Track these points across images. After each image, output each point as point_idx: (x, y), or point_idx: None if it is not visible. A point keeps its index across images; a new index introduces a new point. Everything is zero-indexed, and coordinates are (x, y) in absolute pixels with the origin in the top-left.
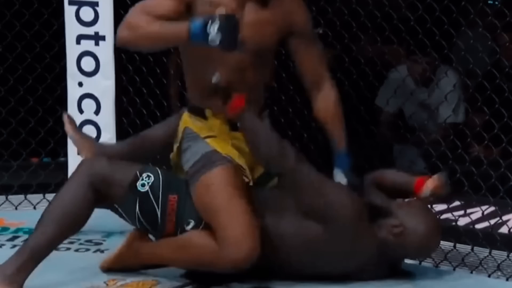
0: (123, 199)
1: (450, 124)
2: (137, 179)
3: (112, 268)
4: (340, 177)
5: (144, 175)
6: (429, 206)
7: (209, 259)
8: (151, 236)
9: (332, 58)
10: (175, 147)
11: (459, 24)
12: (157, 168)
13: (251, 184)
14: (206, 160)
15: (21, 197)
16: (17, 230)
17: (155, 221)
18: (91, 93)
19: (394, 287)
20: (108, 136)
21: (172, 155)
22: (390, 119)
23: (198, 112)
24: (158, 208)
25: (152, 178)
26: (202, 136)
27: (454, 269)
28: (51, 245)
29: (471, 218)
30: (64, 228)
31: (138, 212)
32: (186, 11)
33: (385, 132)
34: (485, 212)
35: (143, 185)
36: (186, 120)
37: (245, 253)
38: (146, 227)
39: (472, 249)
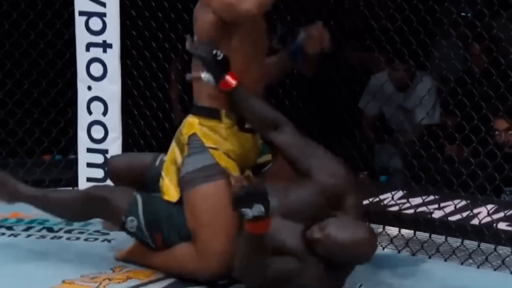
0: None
1: (425, 125)
2: (125, 222)
3: (124, 260)
4: None
5: (129, 219)
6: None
7: (190, 269)
8: None
9: (317, 64)
10: (175, 149)
11: (434, 34)
12: (140, 209)
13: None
14: (206, 171)
15: None
16: (31, 221)
17: (149, 245)
18: (99, 96)
19: (373, 275)
20: (115, 135)
21: (169, 155)
22: (372, 121)
23: (212, 113)
24: (148, 241)
25: (136, 223)
26: (207, 146)
27: (429, 258)
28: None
29: (444, 211)
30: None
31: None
32: None
33: (367, 133)
34: (457, 206)
35: (131, 227)
36: (194, 125)
37: (222, 267)
38: None
39: (446, 239)
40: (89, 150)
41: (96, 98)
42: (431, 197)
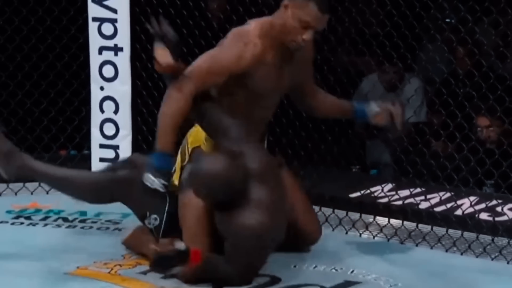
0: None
1: (412, 123)
2: (145, 217)
3: (128, 245)
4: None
5: (153, 216)
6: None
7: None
8: None
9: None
10: (180, 158)
11: (421, 38)
12: (165, 209)
13: None
14: None
15: None
16: (48, 211)
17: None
18: (111, 96)
19: (364, 262)
20: (125, 132)
21: (178, 161)
22: None
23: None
24: (159, 237)
25: (157, 222)
26: None
27: (416, 245)
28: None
29: (430, 203)
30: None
31: None
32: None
33: (359, 130)
34: (442, 198)
35: (149, 223)
36: (200, 139)
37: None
38: None
39: (432, 229)
40: (102, 146)
41: (108, 98)
42: (418, 190)
